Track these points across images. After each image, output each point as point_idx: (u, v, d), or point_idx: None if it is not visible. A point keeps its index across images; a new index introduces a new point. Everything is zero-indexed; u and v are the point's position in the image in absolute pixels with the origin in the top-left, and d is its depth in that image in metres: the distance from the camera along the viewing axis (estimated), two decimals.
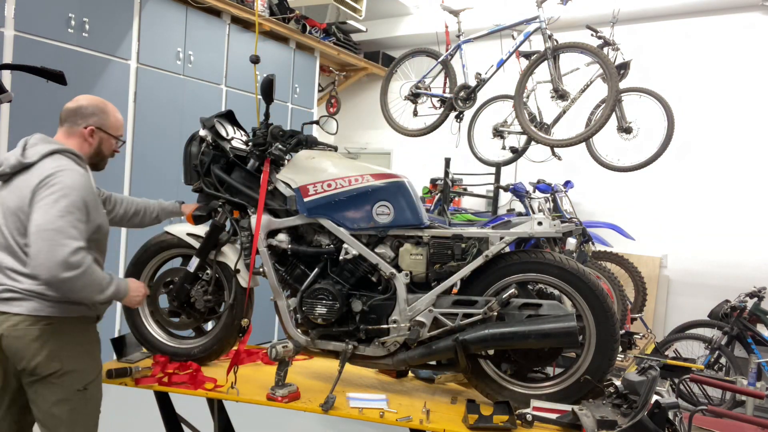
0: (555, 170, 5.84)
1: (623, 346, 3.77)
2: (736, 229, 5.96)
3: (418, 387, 2.65)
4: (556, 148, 4.53)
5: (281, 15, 6.21)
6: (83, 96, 2.34)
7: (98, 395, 2.29)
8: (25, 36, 4.21)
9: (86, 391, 2.20)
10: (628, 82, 4.34)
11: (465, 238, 2.40)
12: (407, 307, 2.40)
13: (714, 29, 6.14)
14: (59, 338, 2.13)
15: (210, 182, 2.65)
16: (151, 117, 5.07)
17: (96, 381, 2.27)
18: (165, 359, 2.65)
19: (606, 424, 2.01)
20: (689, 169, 6.17)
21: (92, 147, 2.29)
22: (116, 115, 2.36)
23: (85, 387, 2.20)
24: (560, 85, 4.05)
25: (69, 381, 2.16)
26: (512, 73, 4.39)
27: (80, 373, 2.19)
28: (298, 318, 2.56)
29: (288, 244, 2.54)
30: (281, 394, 2.31)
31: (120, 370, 2.48)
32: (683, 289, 6.27)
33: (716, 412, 2.89)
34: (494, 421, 2.12)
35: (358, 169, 2.48)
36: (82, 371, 2.20)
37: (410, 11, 7.65)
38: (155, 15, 5.07)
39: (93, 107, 2.29)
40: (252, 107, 3.55)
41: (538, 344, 2.27)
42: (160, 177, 5.09)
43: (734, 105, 6.01)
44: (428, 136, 4.74)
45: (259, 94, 2.59)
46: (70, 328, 2.17)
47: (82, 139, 2.27)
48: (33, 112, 4.21)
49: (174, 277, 2.68)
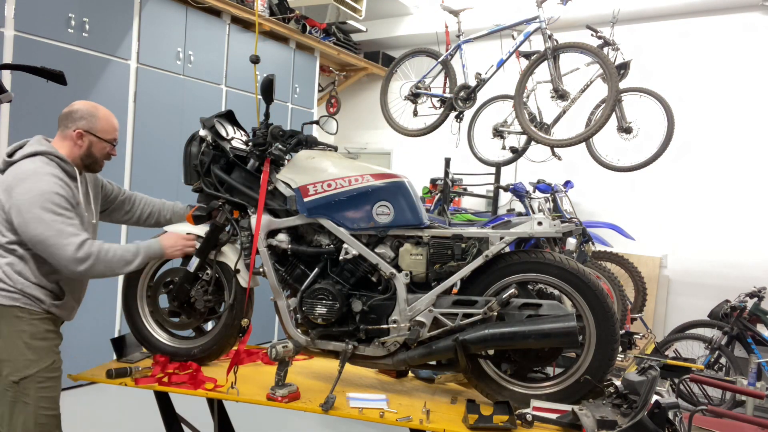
0: (555, 170, 5.84)
1: (623, 346, 3.77)
2: (736, 229, 5.97)
3: (418, 387, 2.65)
4: (556, 148, 4.53)
5: (281, 15, 6.21)
6: (79, 101, 2.44)
7: (40, 395, 2.22)
8: (25, 36, 4.21)
9: (19, 385, 2.20)
10: (628, 82, 4.34)
11: (465, 238, 2.41)
12: (407, 307, 2.40)
13: (714, 29, 6.14)
14: (4, 325, 2.21)
15: (210, 182, 2.65)
16: (151, 117, 5.07)
17: (34, 378, 2.21)
18: (165, 359, 2.64)
19: (606, 424, 2.01)
20: (689, 169, 6.17)
21: (82, 149, 2.38)
22: (108, 120, 2.44)
23: (17, 381, 2.20)
24: (560, 85, 4.05)
25: (5, 370, 2.20)
26: (512, 73, 4.39)
27: (13, 363, 2.20)
28: (298, 318, 2.56)
29: (288, 244, 2.55)
30: (281, 394, 2.31)
31: (120, 370, 2.49)
32: (683, 289, 6.27)
33: (716, 412, 2.89)
34: (494, 421, 2.12)
35: (358, 169, 2.48)
36: (14, 362, 2.20)
37: (410, 11, 7.65)
38: (155, 15, 5.07)
39: (84, 111, 2.39)
40: (252, 107, 3.56)
41: (538, 344, 2.27)
42: (160, 177, 5.09)
43: (734, 105, 6.00)
44: (428, 136, 4.74)
45: (259, 94, 2.59)
46: (8, 316, 2.22)
47: (72, 142, 2.38)
48: (33, 112, 4.21)
49: (174, 277, 2.67)
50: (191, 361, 2.64)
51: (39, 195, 2.18)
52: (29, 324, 2.24)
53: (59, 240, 2.17)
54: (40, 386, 2.23)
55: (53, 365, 2.28)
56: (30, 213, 2.16)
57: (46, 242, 2.17)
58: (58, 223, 2.18)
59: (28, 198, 2.17)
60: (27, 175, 2.21)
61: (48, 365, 2.26)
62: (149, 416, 2.97)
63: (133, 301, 2.72)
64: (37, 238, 2.17)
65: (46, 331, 2.28)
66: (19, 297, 2.23)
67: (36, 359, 2.23)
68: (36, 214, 2.16)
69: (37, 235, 2.17)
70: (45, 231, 2.16)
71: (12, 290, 2.22)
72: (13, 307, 2.22)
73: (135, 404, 3.40)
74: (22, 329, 2.23)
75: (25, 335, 2.23)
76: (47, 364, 2.26)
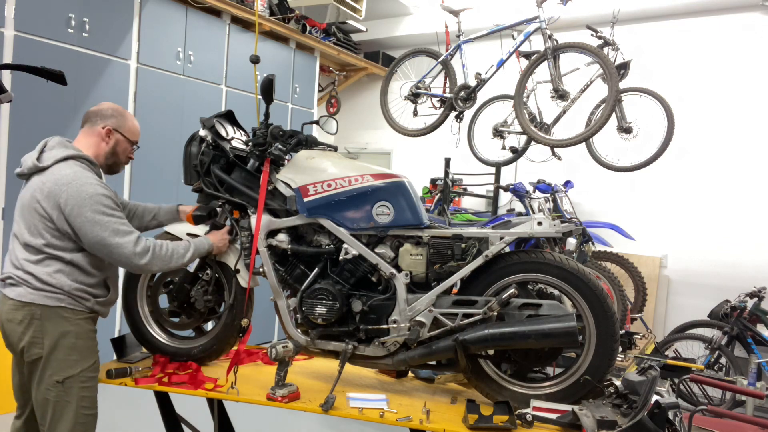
0: (555, 170, 5.84)
1: (623, 346, 3.77)
2: (735, 229, 5.97)
3: (418, 387, 2.65)
4: (556, 148, 4.53)
5: (281, 15, 6.21)
6: (106, 102, 2.53)
7: (82, 394, 2.26)
8: (25, 36, 4.21)
9: (63, 384, 2.23)
10: (628, 82, 4.33)
11: (465, 238, 2.40)
12: (407, 307, 2.40)
13: (714, 29, 6.14)
14: (42, 326, 2.23)
15: (210, 182, 2.65)
16: (151, 117, 5.06)
17: (77, 378, 2.25)
18: (165, 359, 2.64)
19: (606, 424, 2.01)
20: (689, 169, 6.17)
21: (108, 146, 2.44)
22: (134, 122, 2.53)
23: (62, 380, 2.23)
24: (560, 85, 4.04)
25: (49, 370, 2.23)
26: (512, 73, 4.39)
27: (59, 363, 2.23)
28: (298, 318, 2.56)
29: (288, 244, 2.54)
30: (281, 394, 2.31)
31: (120, 370, 2.49)
32: (683, 289, 6.27)
33: (716, 412, 2.89)
34: (494, 421, 2.12)
35: (358, 169, 2.48)
36: (60, 363, 2.24)
37: (410, 11, 7.65)
38: (155, 15, 5.08)
39: (113, 110, 2.46)
40: (252, 107, 3.56)
41: (538, 344, 2.27)
42: (160, 177, 5.09)
43: (734, 105, 6.00)
44: (428, 136, 4.74)
45: (259, 94, 2.59)
46: (54, 317, 2.24)
47: (99, 138, 2.42)
48: (33, 112, 4.21)
49: (174, 277, 2.68)
50: (191, 361, 2.64)
51: (88, 198, 2.21)
52: (74, 324, 2.27)
53: (117, 239, 2.24)
54: (82, 386, 2.27)
55: (95, 365, 2.34)
56: (83, 217, 2.20)
57: (104, 242, 2.23)
58: (112, 224, 2.24)
59: (78, 203, 2.20)
60: (69, 179, 2.23)
61: (90, 365, 2.31)
62: (149, 416, 2.97)
63: (133, 301, 2.72)
64: (95, 240, 2.22)
65: (89, 331, 2.33)
66: (64, 297, 2.25)
67: (80, 359, 2.27)
68: (90, 217, 2.21)
69: (95, 237, 2.22)
70: (101, 232, 2.22)
71: (57, 291, 2.24)
72: (59, 308, 2.25)
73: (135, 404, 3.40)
74: (68, 330, 2.25)
75: (71, 336, 2.26)
76: (90, 364, 2.30)
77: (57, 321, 2.24)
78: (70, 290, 2.25)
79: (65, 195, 2.20)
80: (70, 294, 2.25)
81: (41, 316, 2.22)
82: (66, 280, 2.24)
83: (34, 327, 2.22)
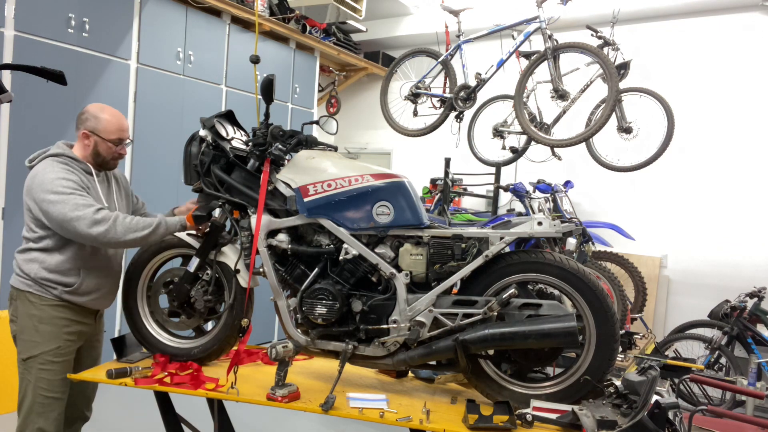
0: (555, 170, 5.84)
1: (623, 346, 3.77)
2: (735, 229, 5.97)
3: (418, 387, 2.65)
4: (556, 148, 4.53)
5: (281, 15, 6.21)
6: (92, 104, 2.63)
7: (40, 375, 2.44)
8: (25, 36, 4.21)
9: (25, 363, 2.46)
10: (628, 82, 4.34)
11: (465, 238, 2.40)
12: (407, 307, 2.40)
13: (714, 29, 6.14)
14: (16, 306, 2.50)
15: (210, 182, 2.65)
16: (151, 117, 5.07)
17: (37, 359, 2.44)
18: (165, 359, 2.64)
19: (606, 424, 2.01)
20: (689, 169, 6.17)
21: (89, 149, 2.56)
22: (111, 121, 2.58)
23: (25, 359, 2.46)
24: (560, 85, 4.04)
25: (18, 347, 2.49)
26: (512, 73, 4.39)
27: (24, 343, 2.48)
28: (298, 318, 2.55)
29: (288, 244, 2.54)
30: (281, 394, 2.31)
31: (120, 370, 2.49)
32: (683, 289, 6.27)
33: (716, 412, 2.89)
34: (494, 421, 2.12)
35: (358, 169, 2.48)
36: (25, 343, 2.47)
37: (410, 11, 7.65)
38: (155, 15, 5.08)
39: (90, 113, 2.57)
40: (252, 107, 3.56)
41: (538, 344, 2.27)
42: (160, 177, 5.09)
43: (734, 105, 6.01)
44: (428, 136, 4.74)
45: (259, 94, 2.58)
46: (24, 300, 2.48)
47: (81, 142, 2.58)
48: (33, 112, 4.21)
49: (174, 277, 2.68)
50: (191, 361, 2.64)
51: (49, 182, 2.36)
52: (39, 309, 2.46)
53: (77, 213, 2.32)
54: (41, 368, 2.45)
55: (58, 350, 2.47)
56: (47, 201, 2.34)
57: (66, 217, 2.32)
58: (72, 199, 2.34)
59: (41, 189, 2.36)
60: (37, 172, 2.42)
61: (51, 349, 2.47)
62: (149, 416, 2.97)
63: (133, 301, 2.72)
64: (57, 219, 2.33)
65: (54, 317, 2.48)
66: (31, 284, 2.47)
67: (41, 342, 2.46)
68: (51, 198, 2.34)
69: (58, 214, 2.32)
70: (62, 209, 2.32)
71: (26, 278, 2.47)
72: (26, 292, 2.48)
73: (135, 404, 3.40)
74: (32, 313, 2.47)
75: (34, 319, 2.46)
76: (50, 348, 2.47)
77: (26, 304, 2.47)
78: (36, 278, 2.45)
79: (34, 185, 2.39)
80: (35, 281, 2.46)
81: (16, 297, 2.50)
82: (35, 267, 2.45)
83: (13, 307, 2.52)
